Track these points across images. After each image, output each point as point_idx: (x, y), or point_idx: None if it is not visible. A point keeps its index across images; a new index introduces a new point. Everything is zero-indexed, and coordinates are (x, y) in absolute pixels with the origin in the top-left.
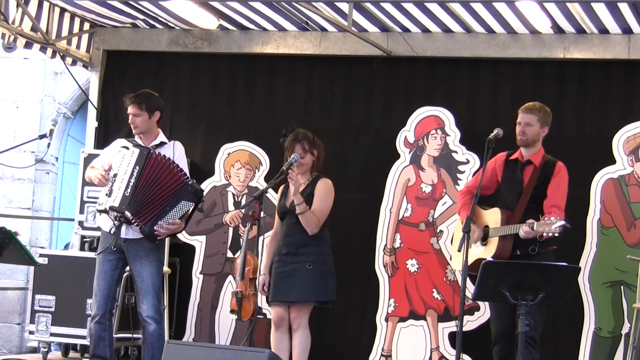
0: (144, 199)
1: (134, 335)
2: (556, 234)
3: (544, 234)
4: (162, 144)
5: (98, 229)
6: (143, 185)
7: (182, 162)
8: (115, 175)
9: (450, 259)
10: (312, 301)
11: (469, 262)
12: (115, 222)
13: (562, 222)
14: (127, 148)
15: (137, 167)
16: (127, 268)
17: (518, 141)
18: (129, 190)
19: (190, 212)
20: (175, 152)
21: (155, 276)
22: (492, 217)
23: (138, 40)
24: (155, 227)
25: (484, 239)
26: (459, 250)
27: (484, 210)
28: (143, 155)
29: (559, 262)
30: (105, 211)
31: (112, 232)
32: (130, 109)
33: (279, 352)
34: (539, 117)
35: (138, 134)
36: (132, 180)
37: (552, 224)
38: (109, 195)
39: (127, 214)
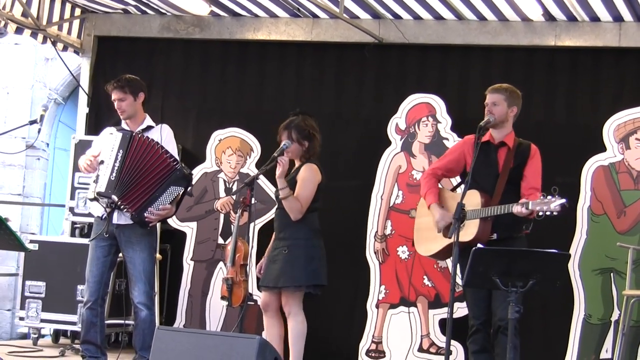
0: (129, 181)
1: (125, 322)
2: (555, 213)
3: (541, 213)
4: (149, 127)
5: (89, 215)
6: (128, 168)
7: (171, 144)
8: (101, 162)
9: (413, 244)
10: (297, 287)
11: (443, 246)
12: (107, 209)
13: (563, 200)
14: (112, 134)
15: (120, 150)
16: (120, 254)
17: (487, 122)
18: (114, 174)
19: (180, 196)
20: (163, 135)
21: (147, 262)
22: (470, 199)
23: (129, 26)
24: (145, 214)
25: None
26: (449, 237)
27: (456, 193)
28: (126, 139)
29: (548, 248)
30: (95, 199)
31: (103, 218)
32: (115, 95)
33: (268, 337)
34: (505, 97)
35: (126, 118)
36: (117, 164)
37: (551, 202)
38: (96, 181)
39: (114, 197)
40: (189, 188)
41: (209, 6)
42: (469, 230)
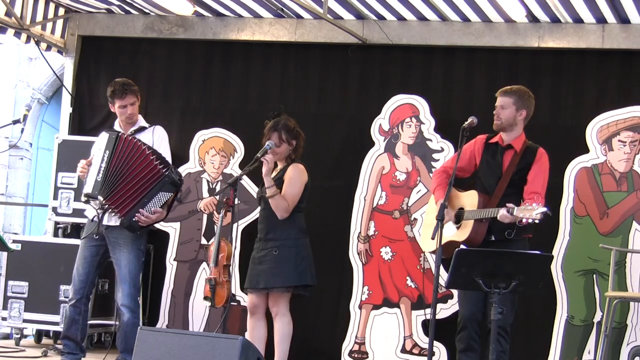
0: (115, 181)
1: (108, 322)
2: (537, 221)
3: (524, 220)
4: (142, 128)
5: (72, 215)
6: (113, 168)
7: (162, 146)
8: (90, 164)
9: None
10: (284, 287)
11: (443, 243)
12: (99, 211)
13: (544, 209)
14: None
15: (107, 151)
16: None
17: (494, 125)
18: (100, 175)
19: (170, 200)
20: (155, 137)
21: (133, 264)
22: (469, 199)
23: (113, 26)
24: (135, 218)
25: (457, 221)
26: (433, 238)
27: (460, 192)
28: (112, 139)
29: (531, 250)
30: (87, 201)
31: (94, 220)
32: (129, 99)
33: (253, 339)
34: (514, 100)
35: (132, 122)
36: (103, 165)
37: (533, 210)
38: (85, 184)
39: (100, 198)
40: (179, 194)
41: (193, 6)
42: (463, 231)
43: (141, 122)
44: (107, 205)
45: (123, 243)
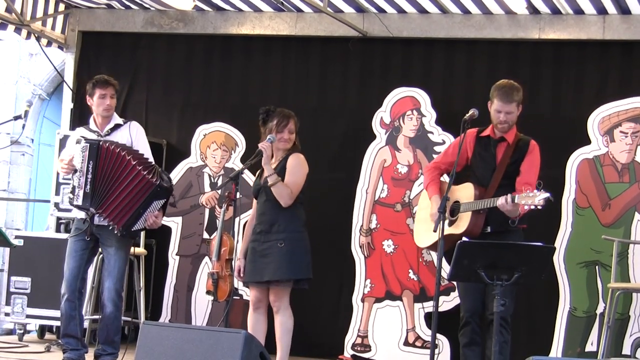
0: (105, 193)
1: (138, 319)
2: (539, 207)
3: (526, 207)
4: (117, 126)
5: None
6: (100, 178)
7: (142, 142)
8: (75, 171)
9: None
10: (288, 281)
11: (437, 239)
12: (88, 214)
13: (547, 194)
14: (82, 139)
15: (91, 162)
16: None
17: (499, 129)
18: (88, 186)
19: (164, 204)
20: (132, 134)
21: (122, 260)
22: (465, 192)
23: (113, 21)
24: (135, 227)
25: (453, 214)
26: (434, 231)
27: (455, 185)
28: (94, 149)
29: (533, 241)
30: (76, 206)
31: (86, 221)
32: (111, 90)
33: (255, 333)
34: (517, 102)
35: (109, 116)
36: (90, 176)
37: (535, 197)
38: (72, 192)
39: (92, 210)
40: (172, 199)
41: (193, 1)
42: (461, 223)
43: (116, 119)
44: (103, 217)
45: (115, 239)
